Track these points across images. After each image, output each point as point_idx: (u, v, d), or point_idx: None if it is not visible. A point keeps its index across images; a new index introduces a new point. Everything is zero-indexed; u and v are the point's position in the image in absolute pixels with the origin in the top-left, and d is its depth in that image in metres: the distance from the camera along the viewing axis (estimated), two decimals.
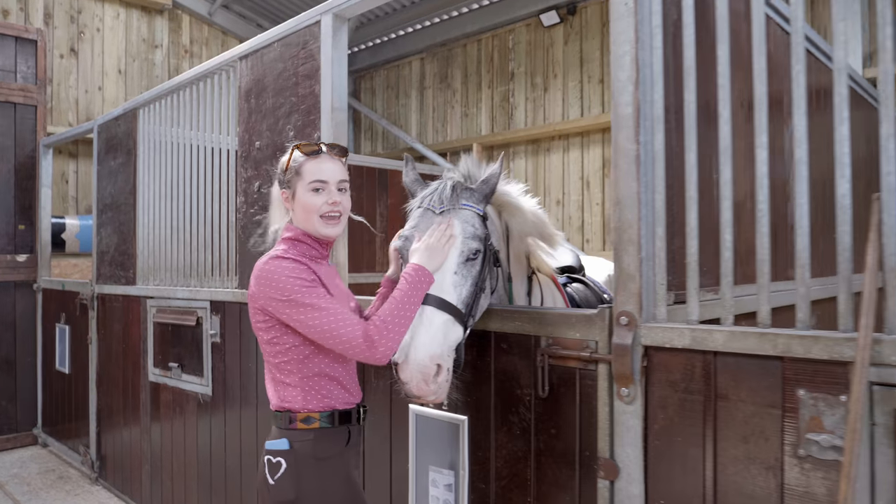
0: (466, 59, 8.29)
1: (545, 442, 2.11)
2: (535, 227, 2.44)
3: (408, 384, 1.93)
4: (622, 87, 1.91)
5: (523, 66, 7.68)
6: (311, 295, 1.92)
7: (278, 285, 1.93)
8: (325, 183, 2.07)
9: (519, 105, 7.72)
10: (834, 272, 1.77)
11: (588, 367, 1.99)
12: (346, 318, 1.91)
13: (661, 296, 1.89)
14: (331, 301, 1.94)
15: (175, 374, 3.93)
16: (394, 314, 1.90)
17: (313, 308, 1.90)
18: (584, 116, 7.08)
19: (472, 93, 8.20)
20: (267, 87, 3.25)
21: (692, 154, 1.85)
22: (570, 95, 7.26)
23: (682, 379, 1.82)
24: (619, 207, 1.91)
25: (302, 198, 2.08)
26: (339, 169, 2.12)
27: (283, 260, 2.00)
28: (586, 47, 7.13)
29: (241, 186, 3.43)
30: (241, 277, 3.42)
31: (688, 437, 1.81)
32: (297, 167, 2.09)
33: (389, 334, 1.88)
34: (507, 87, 7.83)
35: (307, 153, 2.10)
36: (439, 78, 8.58)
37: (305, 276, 1.96)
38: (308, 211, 2.07)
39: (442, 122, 8.53)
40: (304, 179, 2.07)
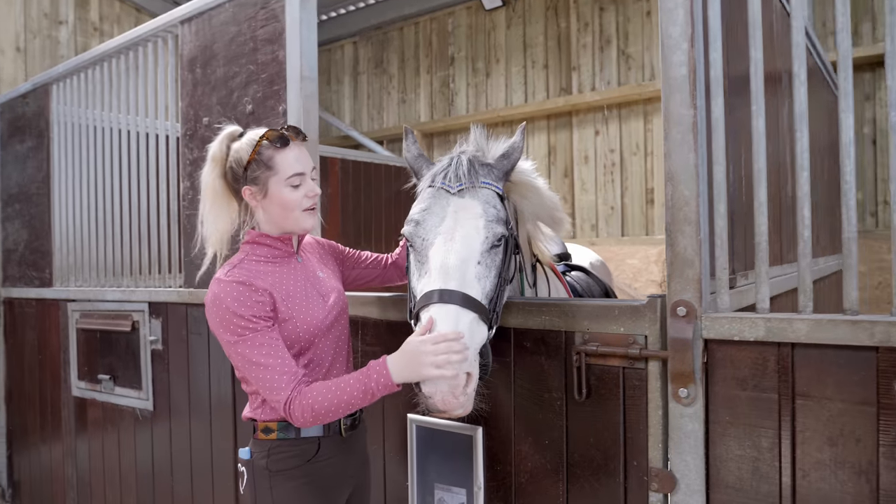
0: (403, 43, 7.94)
1: (581, 452, 1.85)
2: (548, 209, 2.17)
3: (432, 398, 1.62)
4: (674, 45, 1.66)
5: (464, 50, 7.41)
6: (250, 343, 1.71)
7: (222, 322, 1.73)
8: (303, 175, 1.84)
9: (460, 91, 7.45)
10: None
11: (635, 366, 1.74)
12: (278, 379, 1.71)
13: (723, 282, 1.66)
14: (269, 350, 1.72)
15: (106, 387, 3.43)
16: (328, 398, 1.68)
17: (249, 362, 1.72)
18: (529, 102, 6.90)
19: (410, 78, 7.86)
20: (217, 54, 2.83)
21: (760, 120, 1.62)
22: (513, 81, 7.06)
23: (751, 375, 1.60)
24: (673, 183, 1.67)
25: (279, 195, 1.82)
26: (307, 155, 1.91)
27: (228, 285, 1.75)
28: (530, 31, 6.94)
29: (185, 170, 2.99)
30: (188, 274, 2.98)
31: (759, 442, 1.59)
32: (267, 161, 1.81)
33: (308, 415, 1.69)
34: (447, 73, 7.55)
35: (277, 143, 1.81)
36: (374, 63, 8.19)
37: (249, 313, 1.72)
38: (288, 208, 1.83)
39: (378, 108, 8.15)
40: (279, 175, 1.81)
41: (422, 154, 2.01)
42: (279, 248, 1.89)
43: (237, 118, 2.73)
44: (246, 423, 2.68)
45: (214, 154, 1.87)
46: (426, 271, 1.74)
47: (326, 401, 1.67)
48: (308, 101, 2.51)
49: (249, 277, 1.78)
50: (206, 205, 1.90)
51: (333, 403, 1.67)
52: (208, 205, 1.89)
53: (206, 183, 1.89)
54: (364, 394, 1.67)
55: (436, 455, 2.13)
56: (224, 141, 1.87)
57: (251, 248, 1.88)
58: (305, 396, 1.68)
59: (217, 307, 1.75)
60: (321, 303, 1.89)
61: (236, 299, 1.73)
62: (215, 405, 2.89)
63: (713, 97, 1.66)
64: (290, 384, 1.70)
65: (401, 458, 2.27)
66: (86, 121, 3.70)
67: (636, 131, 6.26)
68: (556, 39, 6.78)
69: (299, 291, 1.86)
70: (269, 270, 1.85)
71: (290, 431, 1.83)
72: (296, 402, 1.68)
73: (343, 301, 1.98)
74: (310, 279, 1.92)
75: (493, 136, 2.07)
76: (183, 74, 2.98)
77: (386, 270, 2.25)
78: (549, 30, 6.84)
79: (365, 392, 1.67)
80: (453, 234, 1.75)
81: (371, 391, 1.67)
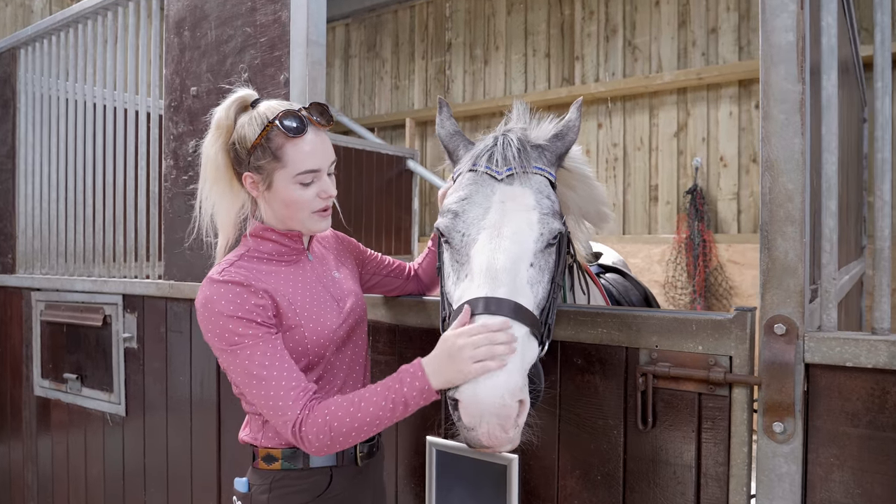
0: (398, 26, 7.59)
1: (642, 492, 1.55)
2: (595, 203, 1.87)
3: (475, 430, 1.29)
4: (778, 6, 1.37)
5: (461, 36, 7.09)
6: (249, 352, 1.40)
7: (215, 328, 1.42)
8: (317, 172, 1.50)
9: (456, 78, 7.13)
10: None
11: (717, 393, 1.45)
12: (283, 396, 1.38)
13: (831, 295, 1.38)
14: (272, 361, 1.40)
15: (73, 387, 3.07)
16: (351, 414, 1.35)
17: (248, 375, 1.40)
18: (529, 92, 6.60)
19: (404, 63, 7.52)
20: (208, 14, 2.48)
21: (886, 101, 1.33)
22: (512, 69, 6.76)
23: (865, 409, 1.32)
24: (773, 173, 1.37)
25: (285, 192, 1.49)
26: (328, 146, 1.54)
27: (222, 286, 1.42)
28: (532, 18, 6.63)
29: (169, 146, 2.63)
30: (169, 265, 2.64)
31: (872, 489, 1.31)
32: (276, 150, 1.47)
33: (326, 438, 1.36)
34: (443, 59, 7.22)
35: (290, 132, 1.46)
36: (366, 46, 7.83)
37: (247, 317, 1.41)
38: (296, 208, 1.51)
39: (369, 94, 7.80)
40: (287, 169, 1.48)
41: (458, 131, 1.69)
42: (286, 245, 1.57)
43: (231, 87, 2.38)
44: (242, 446, 2.35)
45: (219, 121, 1.52)
46: (467, 274, 1.43)
47: (349, 417, 1.34)
48: (315, 69, 2.18)
49: (247, 278, 1.45)
50: (206, 182, 1.57)
51: (357, 420, 1.34)
52: (209, 182, 1.56)
53: (207, 155, 1.55)
54: (395, 405, 1.35)
55: (460, 486, 1.82)
56: (232, 107, 1.51)
57: (254, 242, 1.56)
58: (320, 414, 1.36)
59: (209, 311, 1.42)
60: (335, 309, 1.57)
61: (231, 302, 1.41)
62: (197, 413, 2.56)
63: (825, 71, 1.37)
64: (298, 401, 1.38)
65: (415, 485, 1.96)
66: (57, 91, 3.33)
67: (641, 126, 6.00)
68: (560, 27, 6.49)
69: (309, 295, 1.54)
70: (272, 270, 1.53)
71: (298, 461, 1.52)
72: (308, 421, 1.36)
73: (361, 307, 1.66)
74: (322, 280, 1.60)
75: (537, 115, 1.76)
76: (168, 38, 2.62)
77: (407, 282, 1.92)
78: (552, 17, 6.54)
79: (396, 403, 1.35)
80: (501, 229, 1.43)
81: (404, 400, 1.35)
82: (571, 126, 1.62)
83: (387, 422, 1.36)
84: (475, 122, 6.94)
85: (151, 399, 2.75)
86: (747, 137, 5.42)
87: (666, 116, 5.85)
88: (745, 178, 5.41)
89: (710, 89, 5.61)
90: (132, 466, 2.85)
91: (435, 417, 1.91)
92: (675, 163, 5.77)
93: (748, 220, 5.41)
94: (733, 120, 5.48)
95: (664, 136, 5.84)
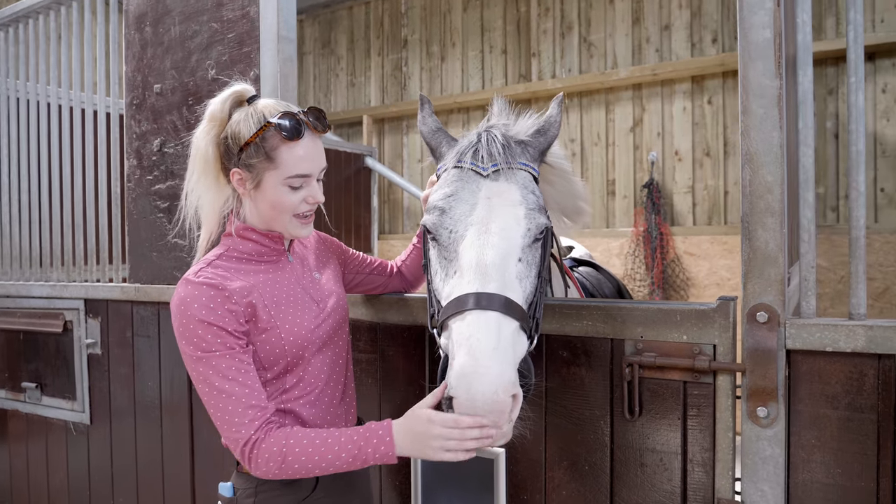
0: (353, 23, 7.52)
1: (630, 480, 1.58)
2: (573, 199, 1.89)
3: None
4: (757, 4, 1.41)
5: (418, 32, 7.07)
6: (215, 363, 1.39)
7: (185, 332, 1.40)
8: (308, 178, 1.49)
9: (413, 75, 7.11)
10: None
11: (701, 380, 1.49)
12: (240, 413, 1.37)
13: (810, 283, 1.43)
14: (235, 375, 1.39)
15: (32, 396, 2.96)
16: (308, 452, 1.36)
17: (209, 385, 1.39)
18: (487, 88, 6.63)
19: (360, 60, 7.46)
20: (171, 10, 2.42)
21: (860, 95, 1.38)
22: (470, 66, 6.78)
23: (844, 392, 1.38)
24: (753, 166, 1.41)
25: (273, 193, 1.47)
26: (321, 153, 1.53)
27: (197, 288, 1.40)
28: (488, 15, 6.66)
29: (131, 146, 2.55)
30: (135, 267, 2.56)
31: (852, 468, 1.37)
32: (270, 150, 1.45)
33: (274, 466, 1.36)
34: (400, 56, 7.19)
35: (287, 134, 1.44)
36: (321, 43, 7.74)
37: (219, 323, 1.39)
38: (280, 210, 1.49)
39: (325, 91, 7.72)
40: (278, 171, 1.46)
41: (441, 128, 1.69)
42: (266, 246, 1.54)
43: (197, 85, 2.33)
44: (217, 450, 2.30)
45: (213, 113, 1.49)
46: (456, 270, 1.43)
47: (305, 455, 1.35)
48: (286, 66, 2.15)
49: (224, 280, 1.43)
50: (193, 174, 1.53)
51: (313, 461, 1.36)
52: (196, 174, 1.52)
53: (197, 147, 1.51)
54: (355, 459, 1.37)
55: (446, 482, 1.82)
56: (228, 101, 1.48)
57: (233, 242, 1.53)
58: (276, 442, 1.36)
59: (181, 314, 1.40)
60: (314, 310, 1.55)
61: (204, 306, 1.39)
62: (168, 418, 2.50)
63: (801, 66, 1.42)
64: (254, 421, 1.37)
65: (399, 482, 1.96)
66: (6, 90, 3.19)
67: (597, 121, 6.09)
68: (516, 24, 6.53)
69: (286, 297, 1.52)
70: (250, 270, 1.50)
71: None
72: (262, 445, 1.36)
73: (343, 308, 1.65)
74: (302, 282, 1.58)
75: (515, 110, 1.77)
76: (128, 34, 2.54)
77: (391, 279, 1.92)
78: (508, 14, 6.58)
79: (356, 458, 1.37)
80: (488, 225, 1.43)
81: (364, 458, 1.37)
82: (553, 122, 1.64)
83: (340, 469, 1.38)
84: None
85: (118, 405, 2.66)
86: (700, 132, 5.56)
87: (622, 112, 5.96)
88: (699, 171, 5.55)
89: (664, 85, 5.73)
90: (99, 474, 2.76)
91: None
92: (632, 157, 5.88)
93: (702, 212, 5.55)
94: (687, 115, 5.61)
95: (620, 132, 5.95)
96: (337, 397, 1.61)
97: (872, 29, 4.83)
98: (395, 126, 7.15)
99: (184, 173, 2.34)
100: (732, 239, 5.24)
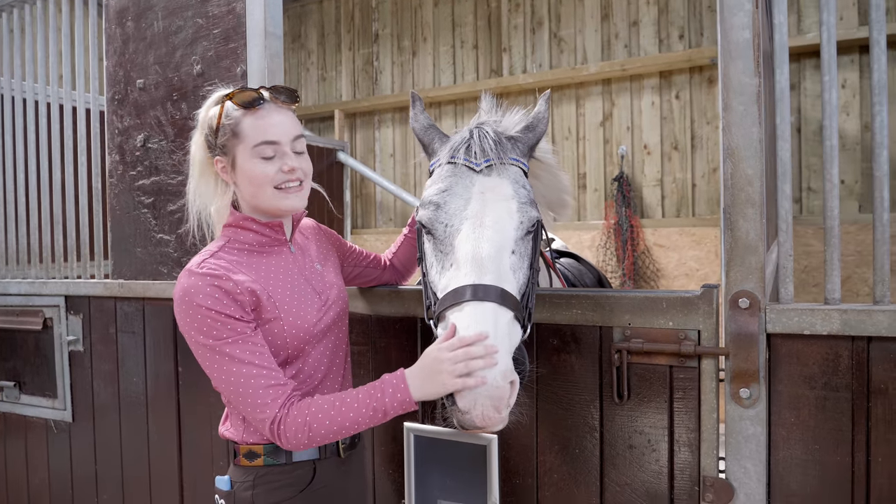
0: (323, 17, 7.49)
1: (619, 462, 1.65)
2: (558, 192, 1.96)
3: (469, 413, 1.35)
4: (735, 5, 1.48)
5: (389, 27, 7.08)
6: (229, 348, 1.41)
7: (193, 322, 1.42)
8: (276, 144, 1.50)
9: (384, 69, 7.11)
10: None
11: (687, 365, 1.56)
12: (262, 393, 1.40)
13: (788, 271, 1.51)
14: (251, 357, 1.41)
15: (9, 395, 2.93)
16: (331, 416, 1.40)
17: (225, 372, 1.41)
18: (458, 83, 6.67)
19: (331, 55, 7.44)
20: (154, 4, 2.41)
21: (833, 92, 1.46)
22: (441, 61, 6.81)
23: (821, 373, 1.46)
24: (734, 160, 1.49)
25: (246, 167, 1.50)
26: (290, 122, 1.55)
27: (200, 279, 1.42)
28: (458, 10, 6.70)
29: (114, 141, 2.54)
30: (118, 263, 2.55)
31: (829, 444, 1.46)
32: (233, 125, 1.49)
33: (303, 437, 1.40)
34: (371, 50, 7.19)
35: (243, 104, 1.49)
36: (291, 37, 7.68)
37: (227, 311, 1.41)
38: (257, 184, 1.50)
39: (295, 85, 7.66)
40: (245, 142, 1.49)
41: (433, 125, 1.73)
42: (266, 235, 1.56)
43: (182, 80, 2.33)
44: (206, 445, 2.31)
45: (202, 119, 1.56)
46: (452, 263, 1.48)
47: (328, 419, 1.39)
48: (273, 62, 2.16)
49: (227, 270, 1.45)
50: (192, 180, 1.60)
51: (337, 423, 1.39)
52: (195, 180, 1.59)
53: (192, 153, 1.59)
54: (375, 412, 1.40)
55: (439, 468, 1.87)
56: (209, 104, 1.55)
57: (233, 232, 1.55)
58: (300, 413, 1.39)
59: (187, 304, 1.42)
60: (316, 301, 1.58)
61: (210, 295, 1.41)
62: (154, 414, 2.50)
63: (778, 65, 1.50)
64: (277, 399, 1.40)
65: (393, 471, 2.00)
66: None
67: (568, 116, 6.18)
68: (487, 19, 6.58)
69: (290, 287, 1.55)
70: (252, 262, 1.53)
71: (281, 456, 1.53)
72: (287, 420, 1.39)
73: (343, 300, 1.68)
74: (304, 272, 1.61)
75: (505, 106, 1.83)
76: (109, 28, 2.52)
77: (384, 272, 1.96)
78: (478, 9, 6.63)
79: (376, 411, 1.40)
80: (483, 219, 1.49)
81: (384, 409, 1.41)
82: (541, 118, 1.69)
83: (364, 426, 1.42)
84: (405, 112, 6.96)
85: (102, 402, 2.65)
86: (668, 126, 5.68)
87: (592, 106, 6.06)
88: (668, 165, 5.68)
89: (633, 80, 5.84)
90: (82, 472, 2.75)
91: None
92: (602, 151, 5.99)
93: (671, 205, 5.68)
94: (655, 110, 5.74)
95: (590, 126, 6.05)
96: (336, 389, 1.64)
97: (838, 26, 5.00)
98: (366, 121, 7.16)
99: (169, 169, 2.36)
100: (700, 230, 5.38)
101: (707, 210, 5.47)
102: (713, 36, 5.41)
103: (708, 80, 5.47)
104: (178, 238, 2.36)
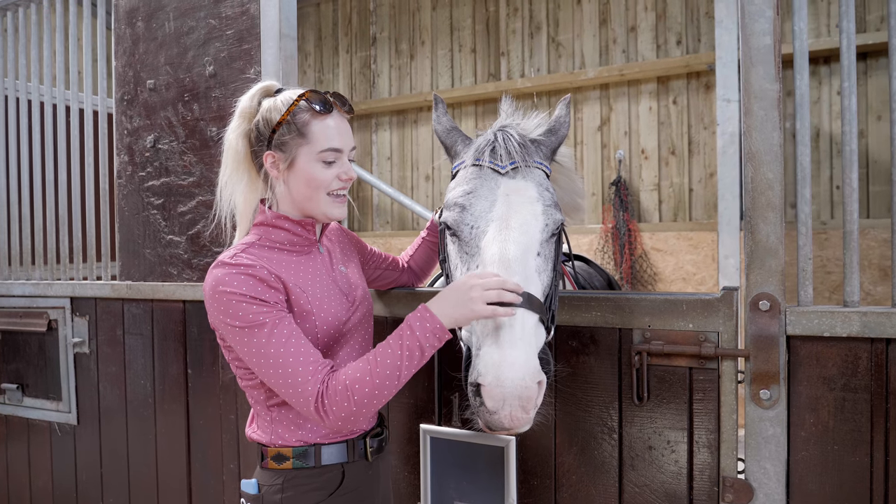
0: (321, 19, 7.49)
1: (639, 463, 1.67)
2: (573, 196, 1.97)
3: (497, 413, 1.35)
4: (757, 12, 1.50)
5: (386, 30, 7.09)
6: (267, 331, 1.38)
7: (228, 308, 1.39)
8: (339, 151, 1.52)
9: (382, 72, 7.12)
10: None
11: (707, 366, 1.58)
12: (302, 371, 1.37)
13: (807, 273, 1.53)
14: (289, 340, 1.39)
15: (12, 398, 2.90)
16: (370, 372, 1.35)
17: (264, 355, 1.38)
18: (456, 87, 6.69)
19: (328, 57, 7.44)
20: (165, 5, 2.40)
21: (853, 98, 1.49)
22: (439, 64, 6.83)
23: (840, 374, 1.48)
24: (754, 164, 1.51)
25: (307, 169, 1.50)
26: (349, 131, 1.58)
27: (233, 268, 1.41)
28: (457, 14, 6.72)
29: (122, 142, 2.53)
30: (126, 264, 2.54)
31: (848, 445, 1.48)
32: (301, 126, 1.49)
33: (351, 404, 1.35)
34: (368, 53, 7.20)
35: (319, 108, 1.49)
36: None
37: (261, 297, 1.40)
38: (315, 187, 1.51)
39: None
40: (312, 145, 1.49)
41: (455, 127, 1.74)
42: (299, 235, 1.56)
43: (194, 81, 2.33)
44: (216, 448, 2.30)
45: (243, 109, 1.53)
46: (478, 264, 1.48)
47: (368, 376, 1.34)
48: (288, 64, 2.17)
49: (259, 263, 1.44)
50: (226, 168, 1.57)
51: (378, 377, 1.34)
52: (229, 170, 1.57)
53: (228, 142, 1.56)
54: (412, 352, 1.36)
55: (456, 470, 1.88)
56: (256, 95, 1.54)
57: (265, 230, 1.55)
58: (339, 382, 1.35)
59: (220, 292, 1.39)
60: (344, 301, 1.58)
61: (244, 283, 1.39)
62: (162, 417, 2.49)
63: (798, 71, 1.52)
64: (317, 375, 1.37)
65: (409, 473, 2.01)
66: None
67: None
68: (485, 23, 6.61)
69: (319, 286, 1.54)
70: (283, 259, 1.52)
71: (310, 459, 1.51)
72: (329, 392, 1.35)
73: (368, 301, 1.69)
74: (332, 273, 1.61)
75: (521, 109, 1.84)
76: (119, 29, 2.52)
77: (402, 274, 1.97)
78: (477, 13, 6.66)
79: (412, 350, 1.36)
80: (508, 221, 1.49)
81: (419, 345, 1.36)
82: (563, 122, 1.71)
83: (405, 372, 1.37)
84: (402, 116, 6.97)
85: (108, 405, 2.64)
86: (665, 131, 5.73)
87: (590, 111, 6.09)
88: (665, 169, 5.72)
89: (631, 85, 5.88)
90: (87, 476, 2.73)
91: (427, 406, 1.95)
92: (600, 156, 6.02)
93: (668, 209, 5.72)
94: (653, 115, 5.78)
95: (588, 131, 6.08)
96: None
97: (828, 34, 5.06)
98: (363, 124, 7.16)
99: (179, 170, 2.35)
100: (697, 235, 5.41)
101: (704, 215, 5.51)
102: (711, 42, 5.45)
103: (705, 85, 5.51)
104: (189, 239, 2.35)
